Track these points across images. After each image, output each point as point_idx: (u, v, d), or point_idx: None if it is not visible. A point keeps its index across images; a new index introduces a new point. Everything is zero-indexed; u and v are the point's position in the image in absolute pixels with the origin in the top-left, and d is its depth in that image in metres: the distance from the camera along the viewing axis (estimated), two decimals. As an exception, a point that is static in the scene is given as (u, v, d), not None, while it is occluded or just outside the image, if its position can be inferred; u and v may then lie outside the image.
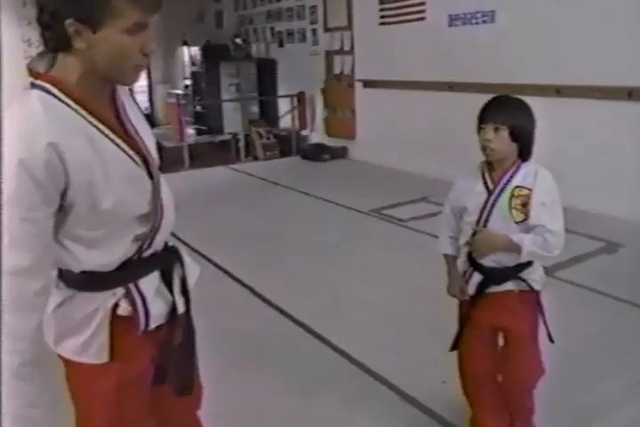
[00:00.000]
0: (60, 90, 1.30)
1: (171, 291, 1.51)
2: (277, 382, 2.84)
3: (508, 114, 1.96)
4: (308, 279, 4.09)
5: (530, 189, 1.95)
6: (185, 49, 12.34)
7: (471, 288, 2.12)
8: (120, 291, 1.40)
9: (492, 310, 2.09)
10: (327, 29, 8.38)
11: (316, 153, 8.24)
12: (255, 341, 3.25)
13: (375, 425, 2.50)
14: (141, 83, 12.64)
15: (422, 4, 6.71)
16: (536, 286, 2.06)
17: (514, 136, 1.95)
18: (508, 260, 2.02)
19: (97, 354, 1.40)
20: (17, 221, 1.24)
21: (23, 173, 1.22)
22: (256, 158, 8.74)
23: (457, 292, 2.21)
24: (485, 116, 1.99)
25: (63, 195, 1.28)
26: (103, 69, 1.32)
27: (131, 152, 1.39)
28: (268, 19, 9.88)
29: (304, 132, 9.06)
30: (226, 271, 4.19)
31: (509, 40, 5.74)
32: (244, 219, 5.48)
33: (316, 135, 8.92)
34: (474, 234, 2.02)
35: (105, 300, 1.39)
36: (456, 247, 2.19)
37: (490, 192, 2.01)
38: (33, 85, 1.32)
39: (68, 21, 1.25)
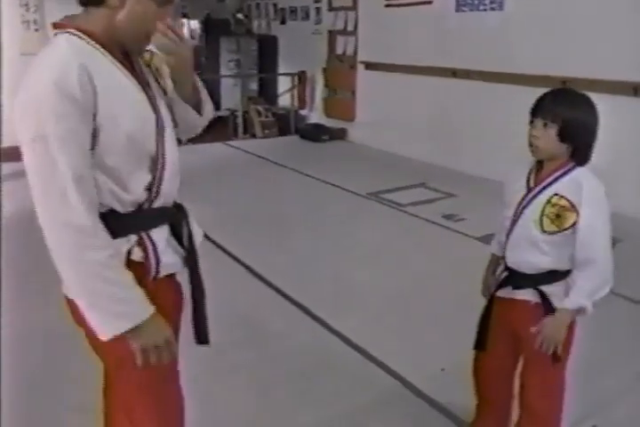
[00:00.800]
0: (85, 34, 1.38)
1: (180, 244, 1.57)
2: (277, 365, 2.86)
3: (560, 110, 1.76)
4: (306, 260, 4.10)
5: (569, 201, 1.78)
6: (184, 22, 12.19)
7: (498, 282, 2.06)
8: (133, 238, 1.46)
9: (508, 315, 2.01)
10: (331, 8, 8.30)
11: (314, 133, 8.21)
12: (254, 322, 3.27)
13: (374, 411, 2.54)
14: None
15: (430, -13, 6.65)
16: (555, 302, 1.87)
17: (563, 135, 1.77)
18: (525, 266, 1.91)
19: None
20: (55, 152, 1.28)
21: (59, 93, 1.27)
22: (254, 136, 8.70)
23: (483, 290, 2.17)
24: (537, 109, 1.81)
25: (94, 116, 1.33)
26: (121, 30, 1.40)
27: (142, 94, 1.46)
28: (271, -6, 9.76)
29: (303, 112, 9.02)
30: (223, 249, 4.19)
31: (517, 28, 5.72)
32: (242, 197, 5.46)
33: (315, 115, 8.88)
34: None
35: (120, 245, 1.43)
36: (502, 247, 2.05)
37: (528, 192, 1.87)
38: (58, 34, 1.40)
39: None
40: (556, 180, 1.83)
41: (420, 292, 3.60)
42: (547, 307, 1.88)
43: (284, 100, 9.36)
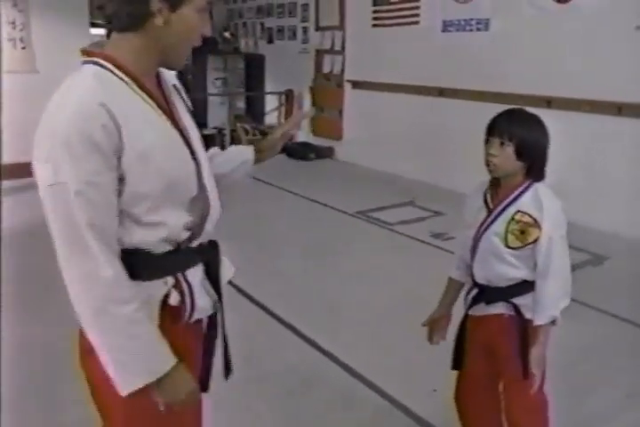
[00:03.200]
0: (113, 64, 1.31)
1: (213, 286, 1.53)
2: (264, 383, 2.83)
3: (516, 129, 1.83)
4: (294, 279, 4.09)
5: (532, 217, 1.84)
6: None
7: (469, 302, 2.08)
8: (170, 280, 1.39)
9: (483, 332, 2.03)
10: (318, 28, 8.37)
11: (302, 152, 8.21)
12: (241, 340, 3.22)
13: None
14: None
15: (417, 8, 6.73)
16: (526, 314, 1.92)
17: (520, 153, 1.83)
18: (497, 280, 1.95)
19: None
20: (74, 201, 1.21)
21: (79, 136, 1.20)
22: (241, 154, 8.69)
23: (428, 323, 2.21)
24: (493, 128, 1.87)
25: (119, 160, 1.26)
26: (170, 47, 1.35)
27: (176, 131, 1.39)
28: (258, 14, 9.83)
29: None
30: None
31: (502, 49, 5.79)
32: (228, 216, 5.39)
33: (302, 134, 8.89)
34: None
35: (156, 289, 1.37)
36: (463, 271, 2.10)
37: (489, 211, 1.92)
38: (85, 62, 1.33)
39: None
40: (517, 197, 1.89)
41: (409, 310, 3.55)
42: (520, 319, 1.93)
43: (272, 119, 9.38)
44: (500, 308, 1.97)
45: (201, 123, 10.27)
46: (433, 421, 2.55)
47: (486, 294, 1.99)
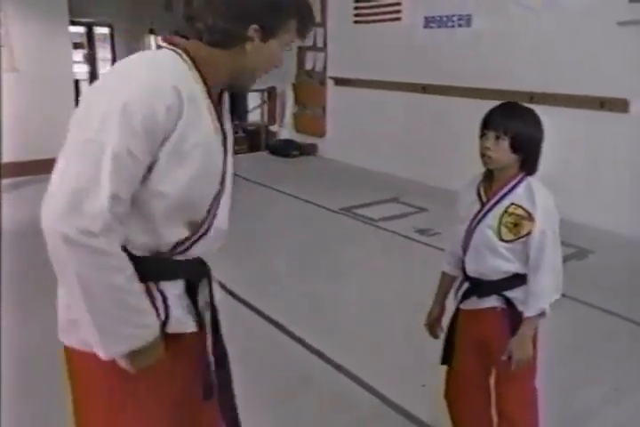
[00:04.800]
0: (191, 60, 1.35)
1: (195, 305, 1.47)
2: (255, 384, 2.81)
3: (511, 123, 1.86)
4: (280, 277, 4.07)
5: (525, 210, 1.87)
6: (152, 38, 12.16)
7: (460, 296, 2.09)
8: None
9: (475, 326, 2.04)
10: (300, 25, 8.32)
11: (284, 149, 8.19)
12: (229, 341, 3.20)
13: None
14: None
15: (398, 4, 6.72)
16: (519, 306, 1.94)
17: (515, 147, 1.86)
18: (490, 273, 1.96)
19: None
20: (105, 162, 1.19)
21: (145, 111, 1.22)
22: (224, 152, 8.66)
23: (428, 322, 2.21)
24: (488, 122, 1.89)
25: (163, 141, 1.26)
26: (245, 72, 1.43)
27: (221, 148, 1.42)
28: (239, 11, 9.76)
29: (273, 128, 9.00)
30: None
31: (484, 45, 5.80)
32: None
33: (285, 131, 8.87)
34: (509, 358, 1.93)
35: None
36: (455, 266, 2.11)
37: (482, 204, 1.94)
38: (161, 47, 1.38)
39: (253, 26, 1.36)
40: (511, 190, 1.91)
41: (396, 307, 3.58)
42: (512, 312, 1.95)
43: (254, 116, 9.34)
44: (492, 301, 1.98)
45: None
46: (423, 417, 2.55)
47: (478, 287, 2.00)
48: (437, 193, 6.04)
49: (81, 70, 11.56)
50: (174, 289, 1.42)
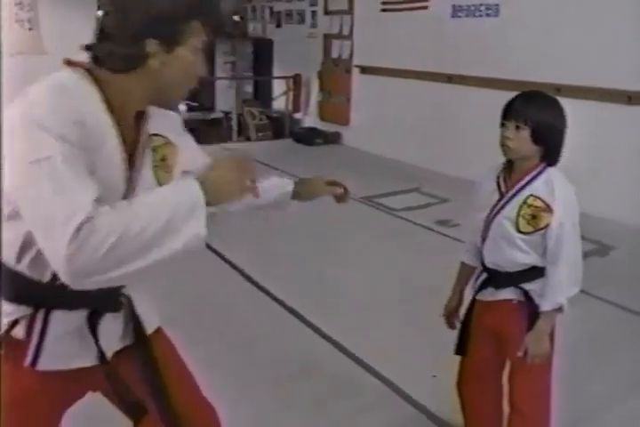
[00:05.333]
0: (92, 78, 1.28)
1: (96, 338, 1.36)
2: (264, 368, 2.84)
3: (532, 112, 1.81)
4: (298, 263, 4.09)
5: (544, 202, 1.84)
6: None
7: (477, 286, 2.08)
8: (27, 310, 1.29)
9: (491, 317, 2.03)
10: (327, 12, 8.30)
11: (308, 137, 8.20)
12: (242, 324, 3.24)
13: (361, 415, 2.52)
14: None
15: (426, -8, 6.67)
16: (536, 299, 1.92)
17: (536, 137, 1.82)
18: (507, 265, 1.95)
19: None
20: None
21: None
22: (248, 139, 8.68)
23: (446, 313, 2.20)
24: (508, 111, 1.85)
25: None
26: (166, 88, 1.33)
27: (125, 169, 1.31)
28: (267, -2, 9.75)
29: (297, 115, 9.00)
30: (213, 249, 4.16)
31: (512, 35, 5.73)
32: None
33: (309, 119, 8.87)
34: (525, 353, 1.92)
35: (10, 311, 1.28)
36: (474, 256, 2.09)
37: (502, 194, 1.92)
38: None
39: (150, 41, 1.26)
40: (530, 181, 1.88)
41: (412, 297, 3.58)
42: (531, 305, 1.93)
43: (279, 104, 9.35)
44: (509, 293, 1.97)
45: (208, 106, 10.29)
46: (432, 407, 2.56)
47: (495, 278, 1.99)
48: (459, 184, 5.98)
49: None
50: (68, 321, 1.32)
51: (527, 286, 1.93)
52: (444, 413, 2.50)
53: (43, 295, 1.28)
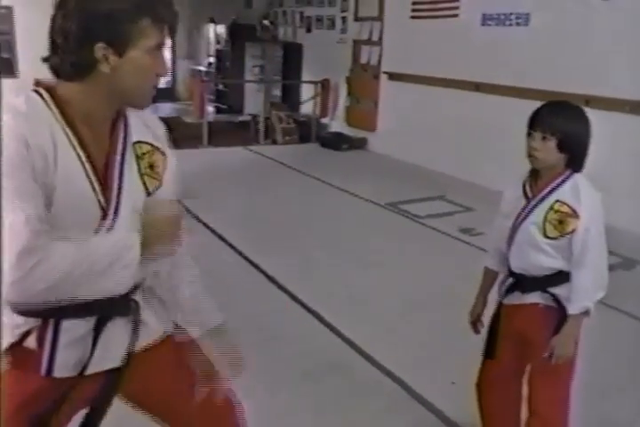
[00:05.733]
0: (51, 96, 1.29)
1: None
2: (285, 368, 2.88)
3: (558, 123, 1.85)
4: (321, 267, 4.14)
5: (571, 207, 1.87)
6: (211, 26, 12.32)
7: (504, 291, 2.11)
8: (36, 322, 1.32)
9: (517, 320, 2.05)
10: (357, 18, 8.35)
11: (335, 142, 8.24)
12: (266, 324, 3.28)
13: (378, 418, 2.55)
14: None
15: (456, 0, 6.67)
16: (563, 303, 1.94)
17: (562, 147, 1.86)
18: (533, 269, 1.98)
19: None
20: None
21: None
22: (275, 142, 8.75)
23: (472, 318, 2.22)
24: (535, 122, 1.89)
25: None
26: (123, 91, 1.31)
27: (93, 180, 1.31)
28: (297, 3, 9.82)
29: (324, 120, 9.05)
30: (239, 252, 4.23)
31: (542, 44, 5.72)
32: (261, 201, 5.52)
33: (336, 124, 8.91)
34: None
35: (19, 324, 1.31)
36: (499, 261, 2.13)
37: (528, 200, 1.96)
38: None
39: (97, 45, 1.24)
40: (556, 187, 1.92)
41: (433, 304, 3.60)
42: (557, 309, 1.95)
43: (306, 108, 9.41)
44: (535, 297, 2.00)
45: (237, 109, 10.39)
46: (449, 412, 2.58)
47: (522, 283, 2.02)
48: (484, 193, 5.98)
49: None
50: (76, 329, 1.35)
51: (554, 291, 1.96)
52: (460, 418, 2.53)
53: (52, 307, 1.27)
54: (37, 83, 1.34)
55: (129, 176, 1.36)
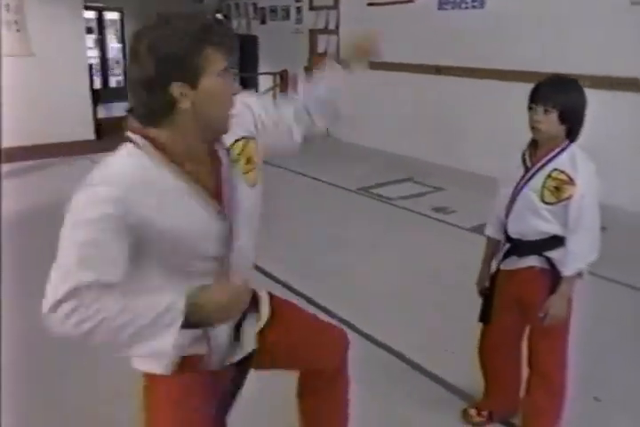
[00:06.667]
0: (151, 144, 1.36)
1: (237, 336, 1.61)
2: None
3: (559, 97, 1.97)
4: (305, 252, 4.19)
5: (568, 175, 1.99)
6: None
7: (501, 256, 2.22)
8: (197, 331, 1.45)
9: (514, 284, 2.17)
10: (312, 8, 8.39)
11: (297, 131, 8.25)
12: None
13: (380, 389, 2.62)
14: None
15: (412, -14, 6.77)
16: (558, 266, 2.06)
17: (563, 119, 1.98)
18: (530, 233, 2.09)
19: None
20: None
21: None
22: (237, 135, 8.74)
23: (479, 287, 2.32)
24: (537, 96, 2.00)
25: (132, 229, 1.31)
26: (209, 120, 1.37)
27: (210, 208, 1.43)
28: (250, -6, 9.81)
29: (285, 111, 9.06)
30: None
31: (497, 26, 5.86)
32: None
33: (298, 114, 8.93)
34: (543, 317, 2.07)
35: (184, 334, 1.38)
36: (500, 230, 2.23)
37: (527, 169, 2.07)
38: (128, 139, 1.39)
39: (174, 85, 1.29)
40: (555, 156, 2.04)
41: (417, 281, 3.70)
42: (552, 271, 2.08)
43: (266, 100, 9.40)
44: (531, 261, 2.12)
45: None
46: (447, 377, 2.69)
47: (519, 247, 2.13)
48: (451, 173, 6.15)
49: (92, 55, 11.60)
50: (223, 329, 1.54)
51: (549, 254, 2.08)
52: (463, 385, 2.63)
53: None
54: (132, 129, 1.38)
55: (240, 187, 1.51)
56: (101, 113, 8.59)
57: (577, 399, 2.31)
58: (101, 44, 12.39)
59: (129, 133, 1.38)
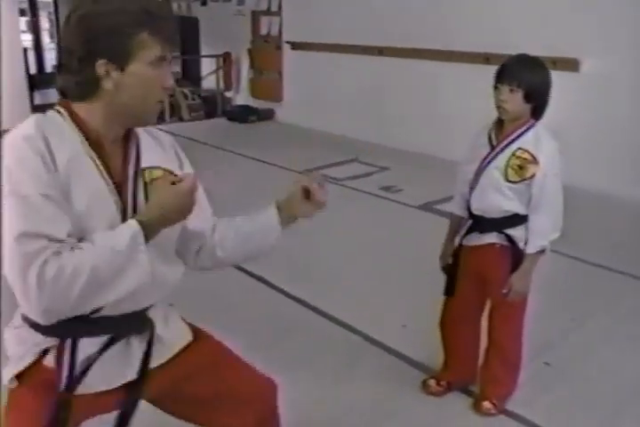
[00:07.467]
0: (69, 114, 1.32)
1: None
2: (240, 335, 2.91)
3: (524, 76, 1.99)
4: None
5: (531, 154, 2.03)
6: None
7: (463, 232, 2.27)
8: (53, 340, 1.33)
9: (476, 260, 2.22)
10: (253, -11, 8.30)
11: (242, 115, 8.22)
12: (214, 295, 3.30)
13: (344, 368, 2.67)
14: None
15: (352, -34, 6.77)
16: (519, 243, 2.12)
17: (528, 98, 2.01)
18: (492, 210, 2.14)
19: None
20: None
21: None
22: (181, 119, 8.61)
23: (442, 263, 2.37)
24: (502, 76, 2.02)
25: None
26: (129, 107, 1.31)
27: (114, 193, 1.33)
28: (189, -24, 9.63)
29: (228, 94, 8.99)
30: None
31: (440, 6, 5.94)
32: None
33: (241, 97, 8.88)
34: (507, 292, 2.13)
35: (41, 340, 1.33)
36: (463, 206, 2.27)
37: (492, 147, 2.11)
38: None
39: (99, 62, 1.25)
40: (519, 135, 2.08)
41: (369, 258, 3.76)
42: (512, 248, 2.14)
43: (208, 83, 9.30)
44: (492, 238, 2.17)
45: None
46: (408, 353, 2.75)
47: (481, 224, 2.19)
48: (395, 153, 6.24)
49: (25, 39, 11.21)
50: (92, 347, 1.35)
51: (510, 232, 2.14)
52: (420, 357, 2.70)
53: (68, 326, 1.29)
54: (59, 102, 1.35)
55: (140, 197, 1.37)
56: (38, 99, 8.34)
57: (528, 365, 2.41)
58: (35, 26, 11.99)
59: (56, 105, 1.35)
